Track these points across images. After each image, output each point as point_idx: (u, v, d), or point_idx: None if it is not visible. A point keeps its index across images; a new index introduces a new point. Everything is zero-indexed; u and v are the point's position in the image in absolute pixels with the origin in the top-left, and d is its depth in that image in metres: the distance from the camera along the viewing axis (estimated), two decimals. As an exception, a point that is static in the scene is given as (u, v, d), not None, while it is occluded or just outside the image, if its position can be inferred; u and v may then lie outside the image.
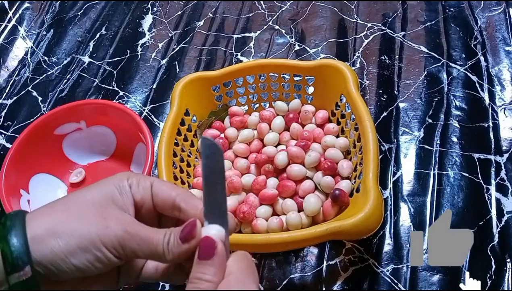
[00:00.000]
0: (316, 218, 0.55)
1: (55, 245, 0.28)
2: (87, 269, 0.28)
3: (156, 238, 0.30)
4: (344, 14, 0.84)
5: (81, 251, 0.28)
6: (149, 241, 0.30)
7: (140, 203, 0.32)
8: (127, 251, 0.29)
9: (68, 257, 0.28)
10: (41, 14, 0.92)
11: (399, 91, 0.71)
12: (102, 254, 0.29)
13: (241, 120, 0.65)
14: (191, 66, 0.80)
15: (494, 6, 0.80)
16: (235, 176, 0.58)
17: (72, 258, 0.28)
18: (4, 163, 0.58)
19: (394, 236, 0.57)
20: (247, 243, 0.48)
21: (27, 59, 0.85)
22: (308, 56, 0.79)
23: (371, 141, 0.52)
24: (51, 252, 0.27)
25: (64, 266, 0.28)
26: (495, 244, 0.55)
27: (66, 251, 0.28)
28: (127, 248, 0.29)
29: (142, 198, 0.32)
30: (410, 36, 0.78)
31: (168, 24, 0.88)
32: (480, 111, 0.67)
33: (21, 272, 0.27)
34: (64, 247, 0.28)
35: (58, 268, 0.28)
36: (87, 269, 0.29)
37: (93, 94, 0.78)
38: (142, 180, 0.32)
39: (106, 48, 0.85)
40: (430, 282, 0.53)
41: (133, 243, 0.29)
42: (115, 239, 0.29)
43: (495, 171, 0.61)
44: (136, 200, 0.32)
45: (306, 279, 0.56)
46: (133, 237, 0.29)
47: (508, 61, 0.72)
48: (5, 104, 0.79)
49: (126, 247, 0.29)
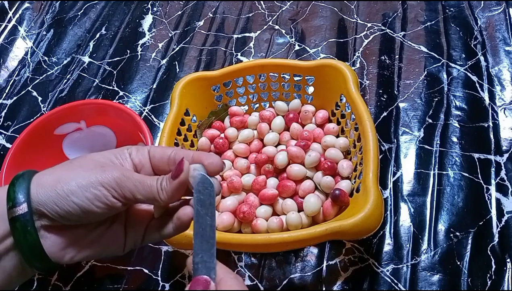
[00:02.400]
0: (316, 218, 0.55)
1: (59, 187, 0.31)
2: (88, 207, 0.31)
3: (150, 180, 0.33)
4: (344, 14, 0.84)
5: (81, 190, 0.31)
6: (144, 183, 0.33)
7: (139, 166, 0.35)
8: (124, 190, 0.32)
9: (69, 196, 0.31)
10: (41, 14, 0.92)
11: (399, 91, 0.71)
12: (100, 192, 0.31)
13: (241, 120, 0.65)
14: (191, 66, 0.80)
15: (494, 6, 0.80)
16: (235, 176, 0.58)
17: (73, 196, 0.31)
18: (4, 163, 0.58)
19: (394, 236, 0.57)
20: (247, 243, 0.48)
21: (27, 59, 0.85)
22: (308, 56, 0.79)
23: (371, 141, 0.52)
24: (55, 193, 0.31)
25: (66, 204, 0.31)
26: (495, 244, 0.55)
27: (67, 191, 0.31)
28: (124, 188, 0.32)
29: (141, 161, 0.35)
30: (410, 36, 0.78)
31: (168, 24, 0.88)
32: (480, 111, 0.67)
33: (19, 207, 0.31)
34: (67, 188, 0.31)
35: (62, 207, 0.31)
36: (89, 208, 0.31)
37: (93, 94, 0.78)
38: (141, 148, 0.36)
39: (106, 48, 0.85)
40: (430, 282, 0.53)
41: (130, 184, 0.32)
42: (112, 179, 0.32)
43: (495, 171, 0.61)
44: (135, 163, 0.35)
45: (306, 279, 0.56)
46: (129, 179, 0.32)
47: (508, 61, 0.72)
48: (5, 104, 0.79)
49: (124, 187, 0.32)
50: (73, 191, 0.31)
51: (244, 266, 0.57)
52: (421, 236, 0.57)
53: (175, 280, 0.57)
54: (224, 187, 0.59)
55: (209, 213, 0.32)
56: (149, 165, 0.35)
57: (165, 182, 0.33)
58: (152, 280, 0.57)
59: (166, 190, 0.33)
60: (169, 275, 0.58)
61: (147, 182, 0.33)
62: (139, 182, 0.33)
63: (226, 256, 0.58)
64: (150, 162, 0.35)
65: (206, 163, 0.34)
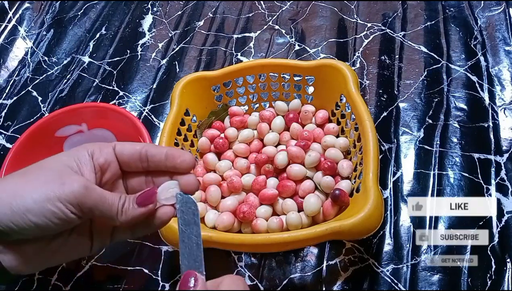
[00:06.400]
0: (316, 218, 0.55)
1: (14, 204, 0.29)
2: (45, 225, 0.29)
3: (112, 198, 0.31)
4: (344, 14, 0.84)
5: (38, 207, 0.29)
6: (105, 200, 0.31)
7: (105, 166, 0.33)
8: (83, 207, 0.30)
9: (25, 214, 0.29)
10: (41, 14, 0.92)
11: (399, 91, 0.71)
12: (58, 209, 0.29)
13: (241, 120, 0.65)
14: (191, 66, 0.80)
15: (494, 6, 0.80)
16: (235, 176, 0.58)
17: (29, 214, 0.29)
18: (4, 164, 0.58)
19: (394, 236, 0.57)
20: (247, 243, 0.48)
21: (27, 59, 0.85)
22: (308, 56, 0.79)
23: (371, 141, 0.52)
24: (10, 210, 0.29)
25: (23, 222, 0.29)
26: (495, 244, 0.55)
27: (23, 208, 0.29)
28: (83, 205, 0.30)
29: (106, 159, 0.33)
30: (410, 36, 0.78)
31: (168, 24, 0.88)
32: (480, 111, 0.67)
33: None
34: (22, 204, 0.29)
35: (18, 225, 0.29)
36: (46, 225, 0.29)
37: (93, 94, 0.78)
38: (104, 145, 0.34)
39: (106, 48, 0.85)
40: (430, 282, 0.53)
41: (89, 200, 0.30)
42: (71, 194, 0.30)
43: (495, 171, 0.61)
44: (100, 163, 0.33)
45: (306, 279, 0.56)
46: (89, 193, 0.30)
47: (508, 61, 0.72)
48: (5, 104, 0.79)
49: (83, 204, 0.30)
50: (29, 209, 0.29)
51: (244, 266, 0.57)
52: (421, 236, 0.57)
53: (175, 280, 0.57)
54: (224, 187, 0.59)
55: (194, 232, 0.32)
56: (116, 163, 0.34)
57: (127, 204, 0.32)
58: (152, 280, 0.57)
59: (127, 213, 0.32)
60: (169, 275, 0.58)
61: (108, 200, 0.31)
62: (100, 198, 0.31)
63: (226, 256, 0.58)
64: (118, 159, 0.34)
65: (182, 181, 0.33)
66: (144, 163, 0.34)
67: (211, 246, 0.48)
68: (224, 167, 0.61)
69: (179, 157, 0.33)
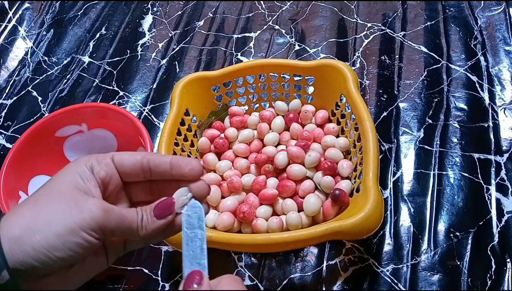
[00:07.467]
0: (316, 218, 0.55)
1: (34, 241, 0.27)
2: (70, 258, 0.29)
3: (131, 216, 0.31)
4: (344, 14, 0.84)
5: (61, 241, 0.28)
6: (125, 219, 0.31)
7: (107, 179, 0.32)
8: (105, 230, 0.30)
9: (49, 251, 0.28)
10: (41, 14, 0.92)
11: (399, 91, 0.71)
12: (82, 239, 0.28)
13: (241, 120, 0.65)
14: (191, 66, 0.80)
15: (494, 6, 0.80)
16: (235, 176, 0.58)
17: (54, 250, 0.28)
18: (4, 164, 0.58)
19: (394, 236, 0.57)
20: (247, 243, 0.48)
21: (27, 59, 0.85)
22: (308, 56, 0.79)
23: (371, 141, 0.52)
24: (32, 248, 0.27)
25: (48, 260, 0.28)
26: (495, 244, 0.55)
27: (46, 245, 0.27)
28: (105, 228, 0.29)
29: (107, 173, 0.32)
30: (410, 36, 0.78)
31: (168, 24, 0.88)
32: (480, 111, 0.67)
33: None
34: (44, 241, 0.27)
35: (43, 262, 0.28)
36: (71, 258, 0.29)
37: (93, 94, 0.78)
38: (101, 157, 0.32)
39: (106, 48, 0.85)
40: (430, 282, 0.53)
41: (110, 222, 0.30)
42: (92, 221, 0.29)
43: (495, 171, 0.61)
44: (102, 177, 0.32)
45: (306, 279, 0.56)
46: (108, 216, 0.30)
47: (508, 61, 0.72)
48: (5, 104, 0.79)
49: (104, 227, 0.29)
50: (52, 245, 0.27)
51: (244, 266, 0.57)
52: (421, 236, 0.57)
53: (175, 280, 0.57)
54: (224, 187, 0.59)
55: (199, 235, 0.32)
56: (117, 175, 0.33)
57: (146, 217, 0.31)
58: (152, 280, 0.57)
59: (147, 228, 0.31)
60: (169, 275, 0.58)
61: (128, 218, 0.31)
62: (119, 218, 0.30)
63: (226, 256, 0.58)
64: (118, 171, 0.33)
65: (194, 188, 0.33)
66: (146, 173, 0.33)
67: (211, 246, 0.48)
68: (224, 167, 0.61)
69: (186, 165, 0.32)
